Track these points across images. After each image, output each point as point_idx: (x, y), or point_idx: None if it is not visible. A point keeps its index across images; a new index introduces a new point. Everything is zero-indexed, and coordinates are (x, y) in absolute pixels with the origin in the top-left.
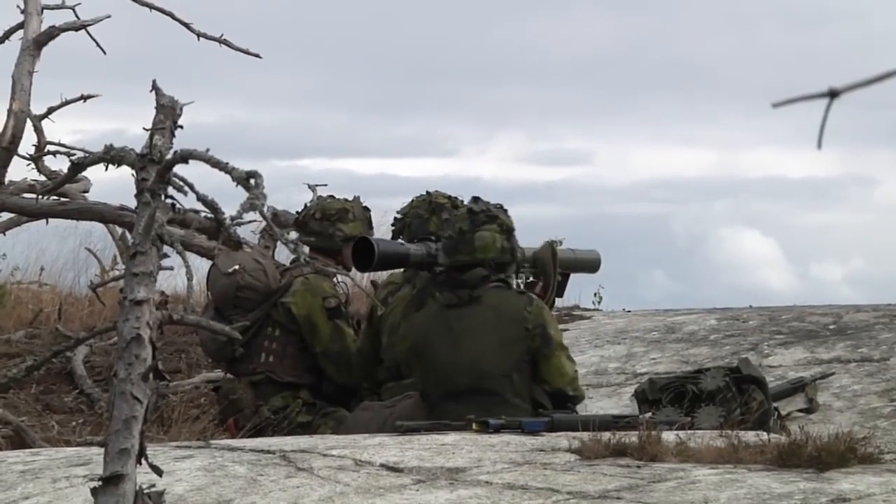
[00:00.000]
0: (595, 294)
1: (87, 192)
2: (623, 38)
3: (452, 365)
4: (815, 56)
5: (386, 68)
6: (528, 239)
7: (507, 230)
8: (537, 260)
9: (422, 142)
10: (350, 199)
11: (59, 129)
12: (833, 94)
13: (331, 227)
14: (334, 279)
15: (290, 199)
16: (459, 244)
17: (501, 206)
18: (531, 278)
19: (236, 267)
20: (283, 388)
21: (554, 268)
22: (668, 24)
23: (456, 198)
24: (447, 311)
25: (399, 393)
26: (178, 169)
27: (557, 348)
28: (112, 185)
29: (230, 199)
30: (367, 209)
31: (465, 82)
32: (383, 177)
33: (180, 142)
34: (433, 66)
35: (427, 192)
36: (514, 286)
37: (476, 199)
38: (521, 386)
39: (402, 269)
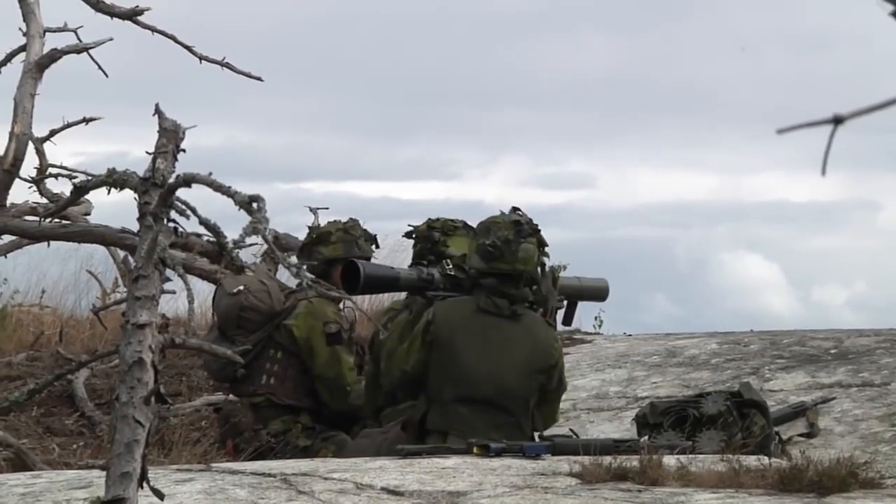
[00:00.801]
0: (596, 318)
1: (88, 214)
2: (626, 62)
3: (477, 371)
4: (818, 81)
5: (389, 91)
6: None
7: (543, 245)
8: (539, 297)
9: (425, 165)
10: (343, 221)
11: (61, 152)
12: (838, 121)
13: (313, 250)
14: (340, 304)
15: (293, 222)
16: (505, 253)
17: (532, 220)
18: (532, 304)
19: (241, 287)
20: (284, 412)
21: (553, 295)
22: (671, 48)
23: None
24: (482, 315)
25: (395, 418)
26: (181, 192)
27: (559, 397)
28: (115, 207)
29: (233, 222)
30: (364, 231)
31: (469, 106)
32: (386, 199)
33: (183, 165)
34: (436, 89)
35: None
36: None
37: (516, 210)
38: (531, 412)
39: (404, 295)
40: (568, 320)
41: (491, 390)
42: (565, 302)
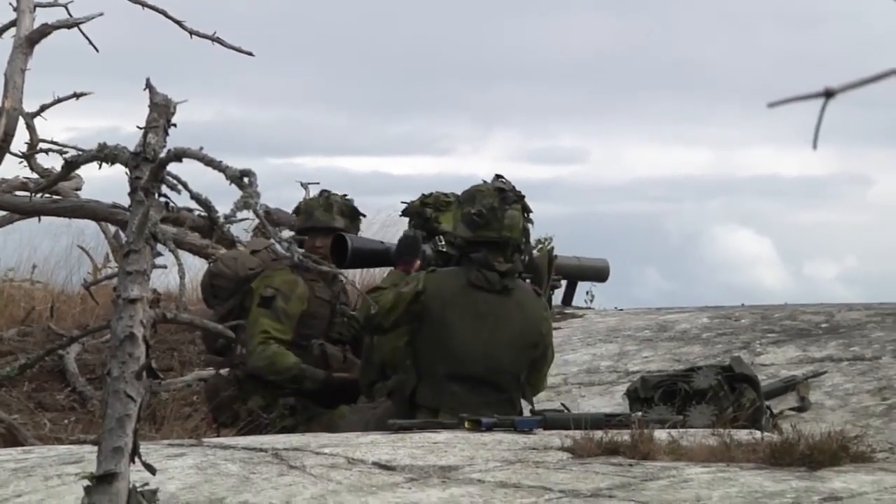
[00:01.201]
0: (587, 293)
1: (79, 189)
2: (619, 38)
3: (468, 348)
4: (810, 56)
5: (381, 67)
6: None
7: (528, 212)
8: (533, 266)
9: (417, 140)
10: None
11: (52, 127)
12: (829, 94)
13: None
14: (343, 279)
15: (284, 196)
16: (491, 220)
17: (515, 188)
18: (527, 283)
19: (214, 257)
20: (264, 386)
21: (549, 274)
22: (664, 24)
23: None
24: (473, 291)
25: (385, 393)
26: (172, 167)
27: (548, 365)
28: (106, 182)
29: (224, 197)
30: (339, 202)
31: (461, 81)
32: (378, 175)
33: (174, 140)
34: (428, 64)
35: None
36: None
37: (499, 177)
38: (521, 386)
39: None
40: (568, 300)
41: (483, 368)
42: (563, 281)
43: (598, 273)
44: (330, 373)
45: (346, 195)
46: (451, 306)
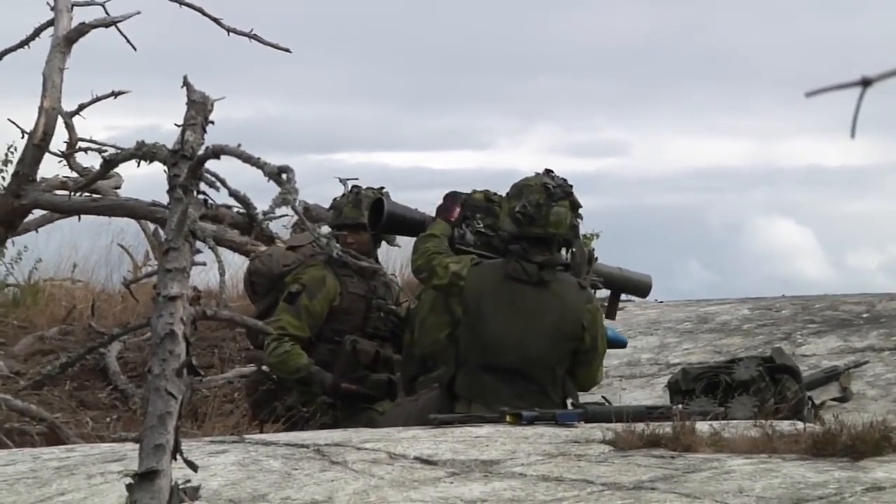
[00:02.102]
0: None
1: (118, 188)
2: (660, 29)
3: (502, 339)
4: (851, 44)
5: (421, 61)
6: None
7: (576, 207)
8: (572, 265)
9: (457, 134)
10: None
11: (93, 126)
12: (866, 83)
13: None
14: (389, 276)
15: (324, 193)
16: (536, 217)
17: (567, 181)
18: (568, 268)
19: (254, 253)
20: (299, 383)
21: (587, 272)
22: (704, 14)
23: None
24: (510, 283)
25: (428, 387)
26: (210, 164)
27: (600, 358)
28: (145, 181)
29: (263, 194)
30: (352, 196)
31: (502, 74)
32: (418, 169)
33: (213, 137)
34: (469, 58)
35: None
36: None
37: (548, 172)
38: (559, 379)
39: None
40: (611, 313)
41: (514, 359)
42: (601, 287)
43: (639, 287)
44: (339, 381)
45: (382, 188)
46: (488, 298)
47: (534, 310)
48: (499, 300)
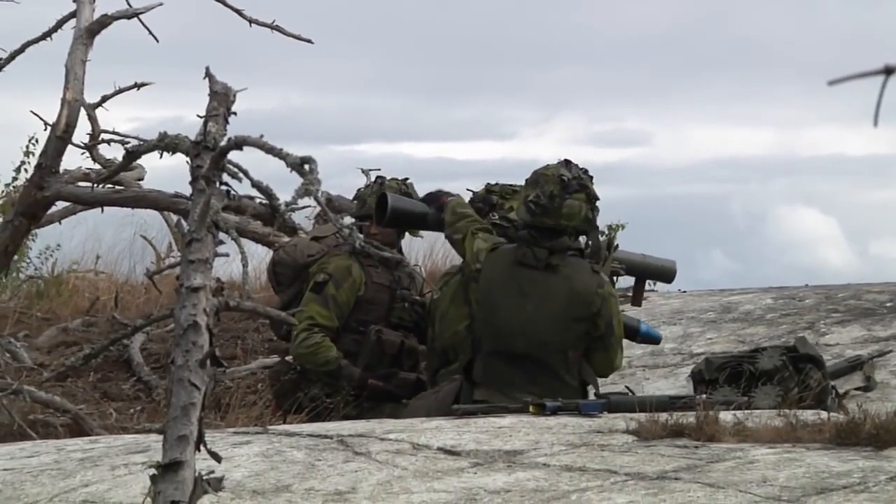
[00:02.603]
0: None
1: (141, 179)
2: (682, 18)
3: (512, 325)
4: (875, 33)
5: (444, 51)
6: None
7: (593, 200)
8: (594, 251)
9: (480, 125)
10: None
11: (117, 118)
12: (889, 71)
13: None
14: (413, 267)
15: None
16: (549, 209)
17: (587, 172)
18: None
19: (278, 244)
20: (324, 374)
21: (605, 262)
22: (726, 3)
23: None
24: (519, 269)
25: (448, 378)
26: (233, 155)
27: (617, 343)
28: (168, 172)
29: (285, 184)
30: (400, 188)
31: (524, 64)
32: (441, 160)
33: (236, 128)
34: (492, 48)
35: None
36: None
37: (567, 163)
38: (573, 363)
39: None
40: (637, 300)
41: (524, 344)
42: (623, 273)
43: (663, 273)
44: (367, 376)
45: (406, 179)
46: (498, 284)
47: (542, 294)
48: (508, 286)
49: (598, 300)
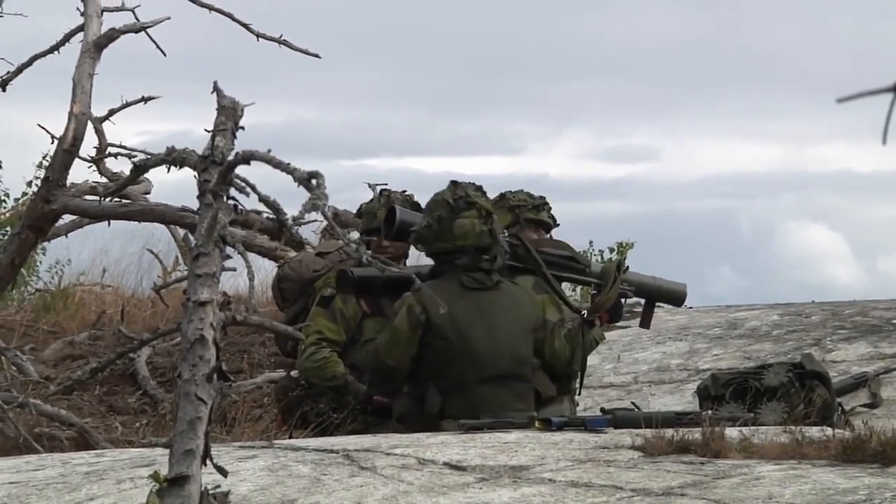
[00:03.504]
0: None
1: (148, 193)
2: (691, 33)
3: (491, 350)
4: (885, 49)
5: (452, 65)
6: (595, 235)
7: (486, 214)
8: (604, 273)
9: (488, 139)
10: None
11: (126, 131)
12: None
13: None
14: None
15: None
16: (439, 233)
17: (480, 189)
18: (596, 291)
19: (283, 260)
20: (330, 389)
21: (614, 283)
22: (735, 18)
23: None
24: (473, 293)
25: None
26: (241, 170)
27: (555, 328)
28: (175, 186)
29: (293, 199)
30: (406, 200)
31: (533, 79)
32: (449, 175)
33: (244, 142)
34: (500, 62)
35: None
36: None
37: (455, 184)
38: (533, 372)
39: None
40: (645, 322)
41: (507, 365)
42: (633, 293)
43: (673, 296)
44: (372, 392)
45: (405, 191)
46: (460, 318)
47: (500, 312)
48: (467, 314)
49: (538, 307)
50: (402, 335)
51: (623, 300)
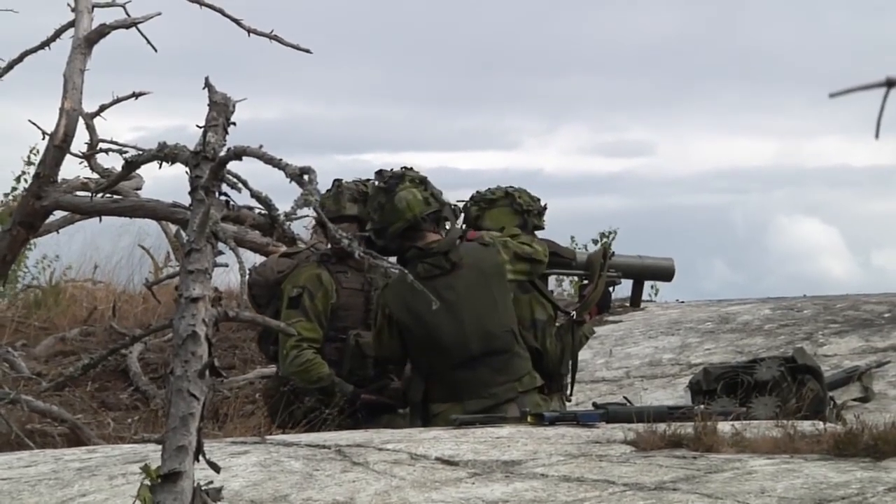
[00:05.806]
0: (652, 286)
1: (139, 189)
2: (686, 28)
3: (459, 335)
4: (880, 43)
5: (448, 60)
6: (589, 229)
7: (420, 181)
8: (589, 262)
9: (484, 134)
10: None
11: (119, 127)
12: (891, 84)
13: None
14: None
15: None
16: (385, 215)
17: (405, 167)
18: (585, 281)
19: (249, 268)
20: (315, 389)
21: (602, 270)
22: (731, 14)
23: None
24: (431, 282)
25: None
26: (233, 166)
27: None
28: (167, 182)
29: (285, 195)
30: (358, 189)
31: (528, 74)
32: (444, 170)
33: (238, 138)
34: (495, 57)
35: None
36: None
37: (379, 172)
38: (519, 335)
39: None
40: (635, 301)
41: (478, 345)
42: (623, 279)
43: (662, 272)
44: (360, 391)
45: (359, 179)
46: (421, 312)
47: (463, 294)
48: (428, 306)
49: (504, 256)
50: (381, 331)
51: (611, 289)
